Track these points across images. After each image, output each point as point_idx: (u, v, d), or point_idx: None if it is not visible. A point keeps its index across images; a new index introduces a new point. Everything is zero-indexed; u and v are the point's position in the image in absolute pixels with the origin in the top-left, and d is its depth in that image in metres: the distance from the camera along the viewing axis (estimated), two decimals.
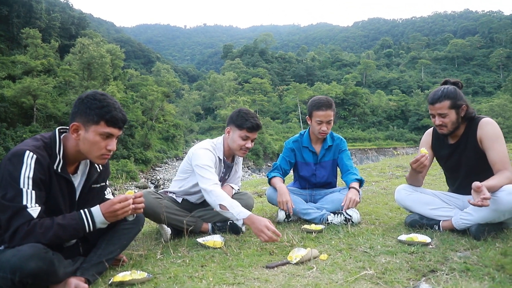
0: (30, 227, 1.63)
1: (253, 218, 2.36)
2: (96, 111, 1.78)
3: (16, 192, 1.65)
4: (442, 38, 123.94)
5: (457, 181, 2.73)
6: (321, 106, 3.06)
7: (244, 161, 46.15)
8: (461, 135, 2.61)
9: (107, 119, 1.80)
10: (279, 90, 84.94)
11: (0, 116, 30.92)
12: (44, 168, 1.73)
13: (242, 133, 2.72)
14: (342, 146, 3.32)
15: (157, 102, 45.53)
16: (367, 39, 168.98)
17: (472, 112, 2.55)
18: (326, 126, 3.10)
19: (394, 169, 6.74)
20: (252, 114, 2.76)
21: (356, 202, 2.94)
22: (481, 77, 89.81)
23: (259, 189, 5.17)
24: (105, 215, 1.81)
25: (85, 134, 1.80)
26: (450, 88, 2.55)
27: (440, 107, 2.53)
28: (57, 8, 70.48)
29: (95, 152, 1.83)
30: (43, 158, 1.74)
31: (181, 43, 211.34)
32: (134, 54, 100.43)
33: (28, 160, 1.69)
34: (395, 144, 57.19)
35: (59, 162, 1.81)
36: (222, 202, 2.46)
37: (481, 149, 2.49)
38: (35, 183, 1.69)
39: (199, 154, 2.70)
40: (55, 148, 1.82)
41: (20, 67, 39.16)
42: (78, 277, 1.79)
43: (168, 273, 2.00)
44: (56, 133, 1.86)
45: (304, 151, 3.29)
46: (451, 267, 1.95)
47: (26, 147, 1.73)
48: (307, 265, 2.07)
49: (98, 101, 1.79)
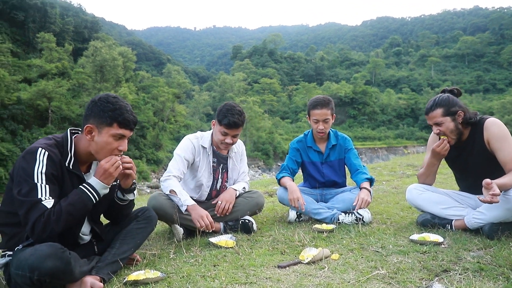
0: (45, 218, 1.69)
1: (196, 207, 2.59)
2: (109, 113, 1.84)
3: (31, 187, 1.71)
4: (451, 35, 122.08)
5: (467, 181, 2.72)
6: (317, 105, 3.10)
7: (254, 160, 46.32)
8: (466, 138, 2.58)
9: (120, 121, 1.86)
10: (289, 90, 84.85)
11: (17, 118, 31.61)
12: (56, 164, 1.80)
13: (221, 128, 2.75)
14: (348, 145, 3.31)
15: (168, 103, 45.95)
16: (376, 38, 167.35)
17: (472, 116, 2.52)
18: (323, 125, 3.12)
19: (404, 168, 6.69)
20: (234, 111, 2.73)
21: (368, 202, 2.94)
22: (492, 74, 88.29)
23: (270, 188, 5.18)
24: (100, 179, 1.86)
25: (98, 135, 1.86)
26: (443, 96, 2.55)
27: (434, 116, 2.54)
28: (70, 12, 71.58)
29: (106, 153, 1.89)
30: (54, 155, 1.80)
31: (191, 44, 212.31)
32: (145, 56, 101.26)
33: (40, 157, 1.76)
34: (405, 143, 56.54)
35: (70, 159, 1.88)
36: (174, 188, 2.65)
37: (489, 150, 2.46)
38: (48, 178, 1.76)
39: (180, 143, 2.89)
40: (66, 147, 1.89)
41: (36, 70, 39.94)
42: (93, 276, 1.82)
43: (181, 272, 2.02)
44: (67, 133, 1.94)
45: (309, 150, 3.31)
46: (464, 267, 1.93)
47: (38, 145, 1.80)
48: (318, 264, 2.08)
49: (111, 104, 1.86)
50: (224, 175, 3.02)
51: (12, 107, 31.14)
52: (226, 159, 3.00)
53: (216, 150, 2.95)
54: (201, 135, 2.95)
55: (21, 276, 1.61)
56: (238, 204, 2.87)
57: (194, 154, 2.87)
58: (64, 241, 1.90)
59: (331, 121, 3.16)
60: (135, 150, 36.29)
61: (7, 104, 30.95)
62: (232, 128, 2.73)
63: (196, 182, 2.91)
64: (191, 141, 2.88)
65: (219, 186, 3.01)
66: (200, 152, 2.89)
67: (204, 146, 2.89)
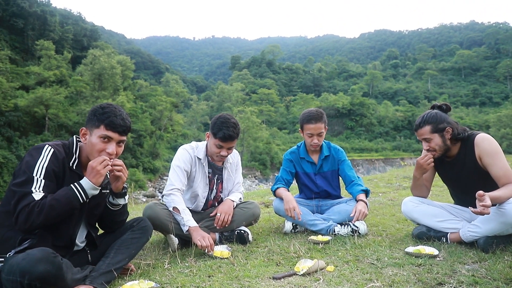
0: (29, 208, 1.72)
1: (197, 229, 2.58)
2: (98, 116, 1.95)
3: (27, 178, 1.79)
4: (448, 49, 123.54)
5: (460, 196, 2.74)
6: (311, 119, 3.09)
7: (251, 170, 46.25)
8: (457, 153, 2.60)
9: (106, 123, 1.94)
10: (286, 100, 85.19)
11: (13, 125, 31.51)
12: (59, 161, 1.89)
13: (216, 141, 2.73)
14: (340, 156, 3.32)
15: (165, 112, 45.96)
16: (373, 50, 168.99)
17: (461, 132, 2.54)
18: (317, 139, 3.13)
19: (401, 180, 6.70)
20: (229, 124, 2.68)
21: (365, 214, 2.94)
22: (488, 88, 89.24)
23: (266, 199, 5.17)
24: (89, 178, 1.87)
25: (90, 138, 1.97)
26: (431, 113, 2.58)
27: (422, 133, 2.57)
28: (70, 20, 71.92)
29: (95, 154, 1.94)
30: (59, 153, 1.91)
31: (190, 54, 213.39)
32: (144, 65, 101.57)
33: (45, 152, 1.87)
34: (402, 155, 56.73)
35: (74, 160, 1.98)
36: (177, 206, 2.64)
37: (481, 166, 2.48)
38: (48, 174, 1.83)
39: (176, 154, 2.89)
40: (72, 148, 2.00)
41: (34, 77, 39.94)
42: (87, 286, 1.81)
43: (176, 282, 2.01)
44: (74, 138, 2.06)
45: (302, 162, 3.32)
46: (459, 280, 1.93)
47: (46, 143, 1.93)
48: (313, 276, 2.07)
49: (102, 108, 1.98)
50: (219, 186, 3.02)
51: (9, 114, 31.05)
52: (221, 169, 3.00)
53: (211, 161, 2.95)
54: (196, 145, 2.94)
55: (12, 281, 1.60)
56: (234, 215, 2.87)
57: (191, 164, 2.87)
58: (60, 241, 1.91)
59: (324, 134, 3.17)
60: (132, 159, 36.15)
61: (4, 111, 30.86)
62: (227, 141, 2.70)
63: (192, 192, 2.91)
64: (187, 152, 2.88)
65: (213, 196, 3.00)
66: (196, 162, 2.89)
67: (199, 157, 2.89)
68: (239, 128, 2.79)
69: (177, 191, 2.73)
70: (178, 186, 2.75)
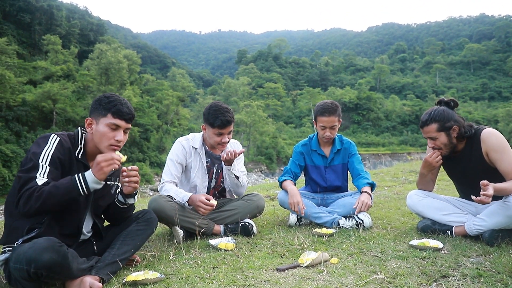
0: (29, 192, 1.75)
1: (192, 197, 2.66)
2: (104, 105, 1.98)
3: (33, 165, 1.82)
4: (457, 42, 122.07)
5: (466, 191, 2.71)
6: (325, 112, 3.08)
7: (257, 165, 46.29)
8: (463, 149, 2.57)
9: (113, 112, 1.97)
10: (293, 94, 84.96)
11: (22, 120, 31.86)
12: (65, 150, 1.93)
13: (215, 130, 2.76)
14: (352, 150, 3.32)
15: (172, 106, 46.12)
16: (381, 44, 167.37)
17: (467, 130, 2.49)
18: (330, 132, 3.13)
19: (407, 174, 6.67)
20: (222, 110, 2.73)
21: (368, 205, 2.94)
22: (497, 82, 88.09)
23: (271, 192, 5.19)
24: (93, 172, 1.86)
25: (96, 127, 1.99)
26: (438, 110, 2.51)
27: (428, 131, 2.52)
28: (76, 15, 72.18)
29: (105, 142, 1.98)
30: (65, 142, 1.95)
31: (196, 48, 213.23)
32: (150, 60, 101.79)
33: (51, 141, 1.91)
34: (409, 149, 56.42)
35: (80, 150, 2.01)
36: (169, 193, 2.71)
37: (488, 161, 2.45)
38: (53, 161, 1.87)
39: (172, 147, 2.94)
40: (77, 139, 2.03)
41: (41, 72, 40.27)
42: (93, 276, 1.84)
43: (180, 273, 2.03)
44: (79, 129, 2.08)
45: (314, 154, 3.31)
46: (463, 273, 1.93)
47: (52, 133, 1.98)
48: (317, 268, 2.08)
49: (107, 97, 2.01)
50: (220, 175, 3.02)
51: (17, 109, 31.40)
52: (220, 158, 3.01)
53: (209, 150, 2.96)
54: (192, 137, 2.98)
55: (19, 269, 1.64)
56: (238, 207, 2.88)
57: (185, 156, 2.89)
58: (66, 229, 1.95)
59: (337, 127, 3.17)
60: (139, 153, 36.40)
61: (12, 106, 31.21)
62: (226, 126, 2.75)
63: (190, 183, 2.93)
64: (181, 144, 2.92)
65: (213, 185, 3.02)
66: (192, 153, 2.91)
67: (195, 147, 2.92)
68: (232, 111, 2.84)
69: (167, 183, 2.80)
70: (167, 179, 2.82)
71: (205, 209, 2.59)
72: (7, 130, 30.12)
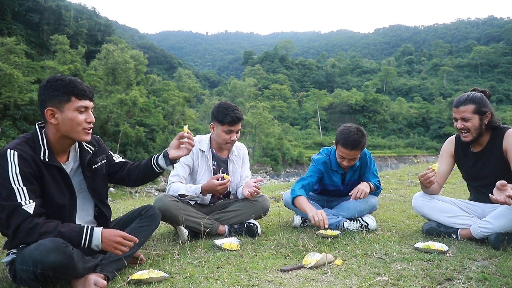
0: (32, 225, 1.71)
1: (205, 186, 2.69)
2: (63, 89, 1.83)
3: (8, 191, 1.72)
4: (465, 45, 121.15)
5: (479, 189, 2.68)
6: (347, 145, 2.80)
7: (262, 166, 46.24)
8: (485, 144, 2.58)
9: (76, 93, 1.85)
10: (299, 96, 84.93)
11: (29, 119, 32.15)
12: (28, 162, 1.78)
13: (225, 127, 2.78)
14: (369, 162, 3.11)
15: (178, 107, 46.27)
16: (388, 46, 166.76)
17: (496, 121, 2.53)
18: (349, 162, 2.91)
19: (413, 177, 6.62)
20: (232, 107, 2.79)
21: (365, 193, 2.82)
22: (506, 85, 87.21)
23: (277, 193, 5.18)
24: (103, 240, 1.83)
25: (62, 115, 1.85)
26: (477, 94, 2.55)
27: (464, 110, 2.52)
28: (84, 15, 72.83)
29: (77, 128, 1.88)
30: (24, 153, 1.78)
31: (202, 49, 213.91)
32: (157, 60, 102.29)
33: (11, 158, 1.75)
34: (415, 152, 55.94)
35: (44, 152, 1.85)
36: (180, 192, 2.72)
37: (506, 159, 2.45)
38: (25, 178, 1.75)
39: None
40: (37, 140, 1.86)
41: (49, 72, 40.56)
42: (97, 274, 1.85)
43: (185, 273, 2.05)
44: (36, 127, 1.91)
45: (333, 173, 3.11)
46: (468, 276, 1.92)
47: (7, 147, 1.80)
48: (321, 269, 2.08)
49: (61, 80, 1.85)
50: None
51: (24, 108, 31.70)
52: (226, 162, 3.02)
53: (216, 153, 2.97)
54: (199, 139, 2.97)
55: (25, 271, 1.65)
56: (243, 207, 2.89)
57: (193, 158, 2.89)
58: None
59: (358, 159, 2.94)
60: (145, 153, 36.54)
61: (20, 105, 31.53)
62: (236, 123, 2.79)
63: None
64: None
65: None
66: (199, 155, 2.91)
67: (203, 150, 2.92)
68: (240, 110, 2.88)
69: (174, 183, 2.80)
70: (174, 179, 2.82)
71: (223, 190, 2.68)
72: (14, 129, 30.43)
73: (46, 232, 1.72)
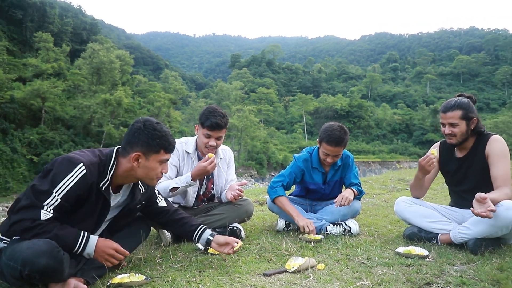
0: (32, 225, 1.68)
1: (194, 171, 2.68)
2: (157, 141, 1.92)
3: (47, 190, 1.72)
4: (448, 54, 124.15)
5: (460, 194, 2.75)
6: (331, 142, 2.89)
7: (247, 169, 46.21)
8: (469, 149, 2.64)
9: (166, 148, 1.97)
10: (285, 100, 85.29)
11: (9, 117, 31.38)
12: (85, 186, 1.81)
13: (204, 131, 2.76)
14: (350, 164, 3.21)
15: (163, 108, 45.90)
16: (373, 53, 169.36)
17: (481, 127, 2.60)
18: (333, 159, 2.99)
19: (396, 182, 6.74)
20: (216, 113, 2.73)
21: (349, 200, 2.89)
22: (486, 94, 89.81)
23: (261, 197, 5.19)
24: (96, 249, 1.84)
25: (146, 162, 1.93)
26: (464, 100, 2.60)
27: (451, 116, 2.57)
28: (70, 13, 71.70)
29: (152, 176, 1.99)
30: (90, 175, 1.82)
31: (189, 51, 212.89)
32: (143, 61, 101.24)
33: (76, 173, 1.78)
34: (399, 158, 56.96)
35: (106, 182, 1.91)
36: (171, 186, 2.68)
37: (487, 164, 2.52)
38: (67, 196, 1.76)
39: None
40: (107, 168, 1.91)
41: (31, 69, 39.76)
42: (77, 278, 1.82)
43: (166, 277, 2.02)
44: (113, 153, 1.96)
45: (314, 171, 3.17)
46: (447, 281, 1.96)
47: (83, 159, 1.83)
48: (304, 274, 2.08)
49: (158, 131, 1.93)
50: (210, 181, 3.01)
51: (4, 106, 30.92)
52: None
53: (201, 156, 2.93)
54: (185, 140, 2.95)
55: (12, 267, 1.61)
56: (226, 211, 2.88)
57: (178, 158, 2.88)
58: None
59: (341, 154, 3.05)
60: None
61: (0, 102, 30.74)
62: (215, 129, 2.73)
63: None
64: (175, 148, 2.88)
65: (203, 191, 3.00)
66: (184, 157, 2.90)
67: (188, 152, 2.90)
68: (227, 118, 2.82)
69: (162, 182, 2.74)
70: (162, 179, 2.75)
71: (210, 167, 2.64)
72: None
73: (44, 232, 1.70)
